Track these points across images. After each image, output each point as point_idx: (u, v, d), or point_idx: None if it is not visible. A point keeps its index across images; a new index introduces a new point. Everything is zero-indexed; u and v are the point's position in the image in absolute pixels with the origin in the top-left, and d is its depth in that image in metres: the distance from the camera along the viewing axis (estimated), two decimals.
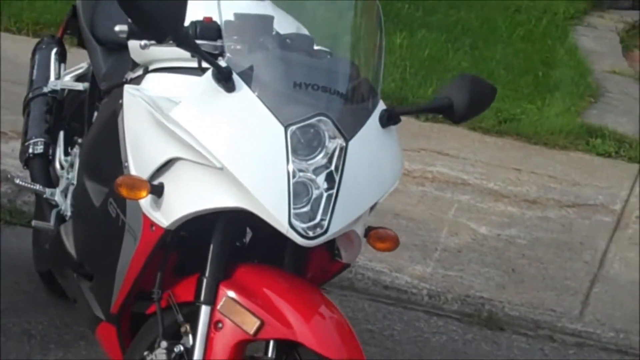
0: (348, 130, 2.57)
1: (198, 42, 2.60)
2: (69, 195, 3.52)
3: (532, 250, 4.78)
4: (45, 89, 3.91)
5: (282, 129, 2.52)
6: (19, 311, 3.90)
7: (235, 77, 2.56)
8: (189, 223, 2.66)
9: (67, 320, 3.88)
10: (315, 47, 2.73)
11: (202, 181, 2.57)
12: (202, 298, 2.66)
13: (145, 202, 2.68)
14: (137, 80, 3.07)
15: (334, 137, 2.55)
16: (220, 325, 2.62)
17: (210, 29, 2.67)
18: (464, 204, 5.10)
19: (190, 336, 2.71)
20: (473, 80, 2.74)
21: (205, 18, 2.69)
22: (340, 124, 2.55)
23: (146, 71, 3.03)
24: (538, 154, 5.92)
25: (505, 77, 6.93)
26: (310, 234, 2.51)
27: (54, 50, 4.02)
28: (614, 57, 8.18)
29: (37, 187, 3.68)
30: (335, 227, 2.54)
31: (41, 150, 3.80)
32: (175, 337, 2.75)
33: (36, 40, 4.82)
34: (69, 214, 3.49)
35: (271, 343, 2.64)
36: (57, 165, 3.67)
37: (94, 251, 3.01)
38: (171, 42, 2.53)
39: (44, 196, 3.65)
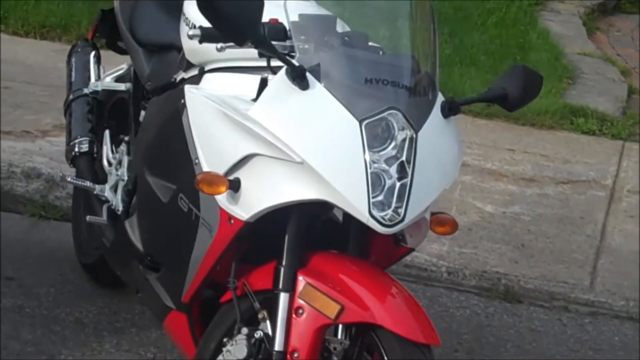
0: (416, 122, 2.61)
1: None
2: (119, 191, 3.53)
3: (536, 226, 4.84)
4: (86, 90, 3.91)
5: (357, 123, 2.54)
6: (68, 301, 3.92)
7: (308, 75, 2.56)
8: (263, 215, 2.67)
9: (115, 309, 3.91)
10: (369, 44, 2.74)
11: (282, 175, 2.59)
12: (280, 286, 2.68)
13: (222, 197, 2.70)
14: (192, 80, 3.09)
15: (404, 129, 2.57)
16: (300, 311, 2.64)
17: (277, 30, 2.69)
18: (467, 184, 5.16)
19: (268, 322, 2.73)
20: (524, 70, 2.79)
21: (271, 19, 2.70)
22: (409, 116, 2.59)
23: (202, 71, 3.03)
24: (527, 135, 5.99)
25: (486, 62, 6.98)
26: (389, 222, 2.53)
27: (92, 54, 4.01)
28: (581, 40, 8.25)
29: (88, 184, 3.68)
30: (411, 215, 2.57)
31: (86, 149, 3.81)
32: (251, 323, 2.77)
33: (44, 42, 4.82)
34: (120, 208, 3.50)
35: (340, 327, 2.66)
36: (105, 163, 3.68)
37: (163, 244, 3.03)
38: (249, 44, 2.53)
39: (95, 192, 3.64)
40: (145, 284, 3.13)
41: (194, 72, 3.11)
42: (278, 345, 2.67)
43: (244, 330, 2.74)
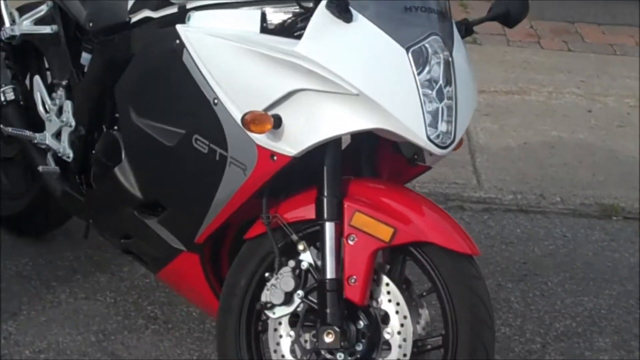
0: (448, 45, 2.68)
1: None
2: (65, 138, 3.41)
3: None
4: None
5: (403, 51, 2.59)
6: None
7: (351, 7, 2.58)
8: None
9: (49, 257, 3.81)
10: None
11: (334, 108, 2.60)
12: (326, 215, 2.70)
13: (261, 135, 2.67)
14: (169, 19, 2.99)
15: (439, 52, 2.64)
16: (352, 238, 2.68)
17: None
18: None
19: (309, 252, 2.75)
20: None
21: None
22: (444, 40, 2.65)
23: (184, 9, 2.96)
24: None
25: None
26: (442, 143, 2.62)
27: None
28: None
29: (27, 133, 3.52)
30: (459, 134, 2.67)
31: (13, 97, 3.64)
32: (288, 255, 2.78)
33: None
34: (71, 155, 3.38)
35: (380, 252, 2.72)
36: (41, 110, 3.50)
37: (170, 187, 2.95)
38: None
39: (35, 141, 3.49)
40: (143, 229, 3.05)
41: (170, 10, 3.02)
42: (330, 273, 2.69)
43: (291, 262, 2.75)
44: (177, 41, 2.88)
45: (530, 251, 4.17)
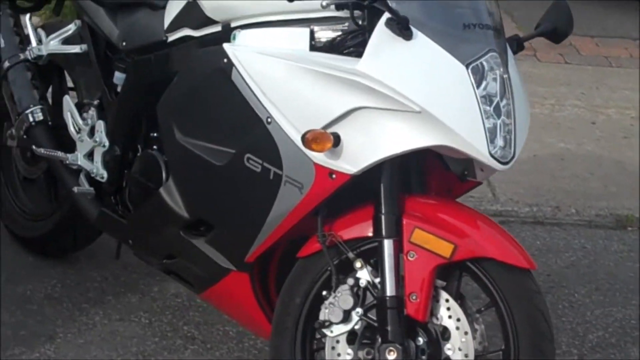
0: (504, 61, 2.68)
1: None
2: (98, 158, 3.37)
3: None
4: (23, 56, 3.65)
5: (463, 68, 2.59)
6: (24, 279, 3.72)
7: (410, 25, 2.58)
8: None
9: (76, 279, 3.77)
10: None
11: (395, 125, 2.59)
12: (384, 233, 2.69)
13: (319, 153, 2.66)
14: (213, 38, 2.98)
15: (496, 69, 2.64)
16: (412, 254, 2.67)
17: None
18: None
19: (366, 270, 2.74)
20: (566, 5, 2.92)
21: None
22: (500, 56, 2.66)
23: (227, 28, 2.94)
24: None
25: None
26: (503, 159, 2.62)
27: (12, 16, 3.76)
28: None
29: (59, 153, 3.48)
30: (518, 150, 2.67)
31: (41, 117, 3.59)
32: (343, 273, 2.77)
33: None
34: (105, 175, 3.35)
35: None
36: (72, 130, 3.46)
37: (220, 206, 2.92)
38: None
39: (66, 162, 3.46)
40: (189, 249, 3.02)
41: (213, 29, 3.00)
42: (390, 290, 2.67)
43: (349, 280, 2.74)
44: (225, 60, 2.86)
45: (553, 263, 4.18)
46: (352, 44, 2.74)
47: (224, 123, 2.90)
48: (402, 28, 2.56)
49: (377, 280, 2.73)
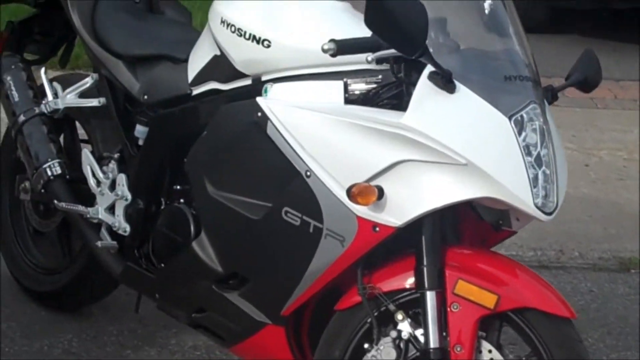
0: (543, 112, 2.71)
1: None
2: (120, 212, 3.36)
3: None
4: (38, 110, 3.63)
5: (506, 120, 2.61)
6: (39, 334, 3.68)
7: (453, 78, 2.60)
8: None
9: (92, 333, 3.74)
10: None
11: (440, 178, 2.60)
12: (427, 285, 2.70)
13: (362, 207, 2.66)
14: (243, 91, 2.98)
15: (538, 119, 2.67)
16: (456, 306, 2.68)
17: None
18: None
19: (407, 322, 2.74)
20: (594, 54, 2.95)
21: None
22: (540, 107, 2.69)
23: (258, 82, 2.95)
24: None
25: None
26: (547, 210, 2.64)
27: (25, 69, 3.75)
28: None
29: (80, 207, 3.46)
30: (561, 199, 2.69)
31: (60, 171, 3.56)
32: (384, 326, 2.77)
33: None
34: (128, 229, 3.33)
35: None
36: (92, 183, 3.44)
37: (255, 260, 2.91)
38: (416, 55, 2.53)
39: (87, 216, 3.43)
40: (221, 303, 3.00)
41: (242, 82, 3.00)
42: (434, 343, 2.67)
43: (392, 333, 2.74)
44: (259, 114, 2.86)
45: None
46: (386, 97, 2.75)
47: (259, 177, 2.90)
48: (445, 81, 2.58)
49: (419, 332, 2.73)
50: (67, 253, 3.84)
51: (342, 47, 2.63)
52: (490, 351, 2.72)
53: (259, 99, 2.88)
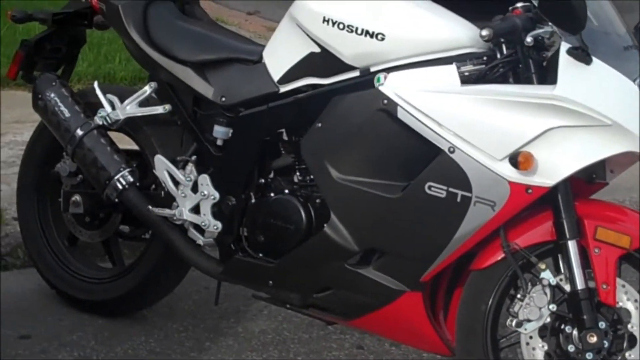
0: None
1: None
2: (207, 210, 3.49)
3: None
4: (94, 123, 3.67)
5: (633, 84, 2.99)
6: (114, 341, 3.75)
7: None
8: None
9: (160, 334, 3.81)
10: None
11: (588, 138, 2.93)
12: (567, 235, 3.04)
13: (512, 172, 2.97)
14: (350, 83, 3.21)
15: None
16: (597, 250, 3.03)
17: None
18: None
19: (548, 271, 3.07)
20: None
21: (514, 10, 3.04)
22: None
23: (367, 73, 3.19)
24: None
25: None
26: None
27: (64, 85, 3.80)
28: None
29: (167, 211, 3.55)
30: None
31: (132, 180, 3.64)
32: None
33: None
34: (220, 226, 3.47)
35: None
36: (172, 187, 3.55)
37: (397, 233, 3.13)
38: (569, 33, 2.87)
39: (174, 218, 3.54)
40: (352, 279, 3.20)
41: (348, 75, 3.22)
42: (580, 284, 3.01)
43: (544, 280, 3.04)
44: (385, 101, 3.10)
45: None
46: (496, 74, 3.07)
47: (391, 158, 3.13)
48: (585, 55, 2.93)
49: (558, 278, 3.07)
50: (119, 261, 3.90)
51: (497, 32, 2.94)
52: (623, 286, 3.10)
53: (382, 88, 3.12)
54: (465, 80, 3.08)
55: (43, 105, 3.75)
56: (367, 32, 3.15)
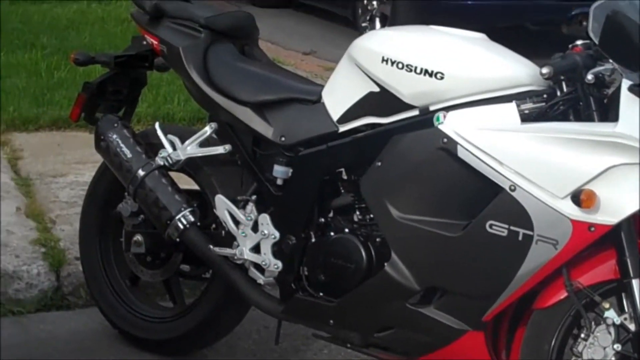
0: None
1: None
2: (267, 250, 3.50)
3: None
4: (155, 164, 3.71)
5: None
6: None
7: None
8: None
9: None
10: None
11: None
12: (632, 274, 3.00)
13: (574, 210, 2.94)
14: (409, 122, 3.22)
15: None
16: None
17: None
18: None
19: (612, 310, 3.03)
20: None
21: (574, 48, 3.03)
22: None
23: (426, 112, 3.19)
24: None
25: None
26: None
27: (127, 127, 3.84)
28: None
29: (227, 250, 3.57)
30: None
31: (193, 220, 3.66)
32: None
33: None
34: (280, 266, 3.47)
35: None
36: (232, 226, 3.56)
37: (460, 271, 3.12)
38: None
39: (235, 258, 3.56)
40: (413, 318, 3.19)
41: (407, 114, 3.23)
42: None
43: (608, 319, 3.00)
44: (445, 140, 3.10)
45: None
46: (556, 111, 3.06)
47: (452, 197, 3.13)
48: None
49: (622, 317, 3.03)
50: (180, 300, 3.92)
51: (557, 69, 2.93)
52: None
53: (441, 127, 3.12)
54: (525, 118, 3.07)
55: (105, 147, 3.79)
56: (426, 71, 3.16)
